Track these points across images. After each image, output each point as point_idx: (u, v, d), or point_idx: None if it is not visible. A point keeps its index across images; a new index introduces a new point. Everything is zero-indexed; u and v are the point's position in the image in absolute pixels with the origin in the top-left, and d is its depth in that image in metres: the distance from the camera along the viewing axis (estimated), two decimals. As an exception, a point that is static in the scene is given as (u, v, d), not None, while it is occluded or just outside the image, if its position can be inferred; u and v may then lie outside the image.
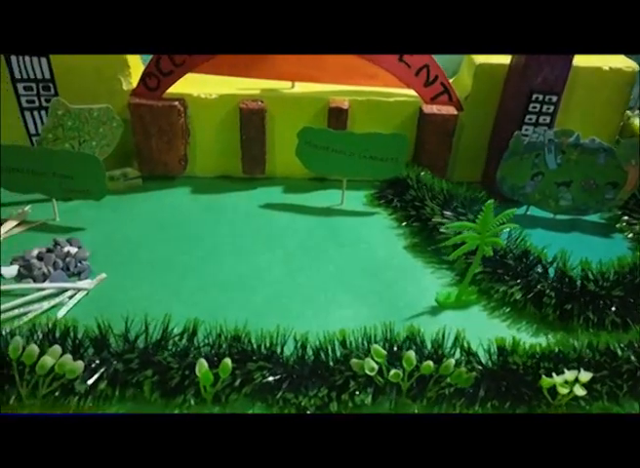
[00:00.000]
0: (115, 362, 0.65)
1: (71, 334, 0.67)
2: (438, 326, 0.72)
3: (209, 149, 1.08)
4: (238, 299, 0.81)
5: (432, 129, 1.04)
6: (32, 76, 0.98)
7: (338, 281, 0.86)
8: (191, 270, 0.86)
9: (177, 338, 0.68)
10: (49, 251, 0.86)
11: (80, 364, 0.62)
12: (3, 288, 0.79)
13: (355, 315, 0.79)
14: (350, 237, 0.96)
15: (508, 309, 0.82)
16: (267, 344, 0.68)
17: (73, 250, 0.87)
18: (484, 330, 0.76)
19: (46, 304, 0.77)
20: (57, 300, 0.78)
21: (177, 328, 0.69)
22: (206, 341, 0.68)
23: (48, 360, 0.61)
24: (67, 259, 0.85)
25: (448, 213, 0.92)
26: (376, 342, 0.68)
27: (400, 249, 0.94)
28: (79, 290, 0.80)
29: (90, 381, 0.63)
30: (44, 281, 0.82)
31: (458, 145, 1.10)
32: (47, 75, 0.98)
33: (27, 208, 0.96)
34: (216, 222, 0.98)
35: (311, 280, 0.86)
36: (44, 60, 0.97)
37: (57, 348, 0.62)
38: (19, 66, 0.97)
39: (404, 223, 0.99)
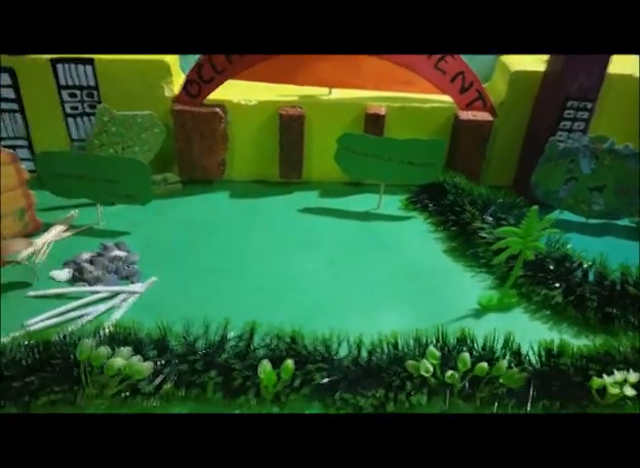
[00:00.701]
0: (179, 363, 0.67)
1: (132, 336, 0.69)
2: (482, 328, 0.74)
3: (246, 154, 1.11)
4: (287, 302, 0.83)
5: (467, 134, 1.06)
6: (77, 83, 1.00)
7: (381, 284, 0.88)
8: (237, 272, 0.88)
9: (236, 340, 0.70)
10: (99, 255, 0.89)
11: (148, 365, 0.64)
12: (59, 291, 0.81)
13: (401, 317, 0.81)
14: (390, 240, 0.98)
15: (548, 312, 0.84)
16: (323, 346, 0.70)
17: (122, 253, 0.89)
18: (527, 331, 0.78)
19: (102, 307, 0.79)
20: (111, 303, 0.80)
21: (232, 330, 0.71)
22: (263, 343, 0.70)
23: (117, 361, 0.63)
24: (118, 263, 0.87)
25: (488, 217, 0.93)
26: (426, 344, 0.70)
27: (439, 252, 0.96)
28: (133, 293, 0.82)
29: (156, 381, 0.65)
30: (95, 284, 0.84)
31: (490, 150, 1.12)
32: (92, 82, 1.00)
33: (74, 212, 0.98)
34: (256, 225, 1.00)
35: (356, 283, 0.88)
36: (89, 68, 0.99)
37: (125, 349, 0.64)
38: (64, 74, 0.99)
39: (441, 227, 1.01)
